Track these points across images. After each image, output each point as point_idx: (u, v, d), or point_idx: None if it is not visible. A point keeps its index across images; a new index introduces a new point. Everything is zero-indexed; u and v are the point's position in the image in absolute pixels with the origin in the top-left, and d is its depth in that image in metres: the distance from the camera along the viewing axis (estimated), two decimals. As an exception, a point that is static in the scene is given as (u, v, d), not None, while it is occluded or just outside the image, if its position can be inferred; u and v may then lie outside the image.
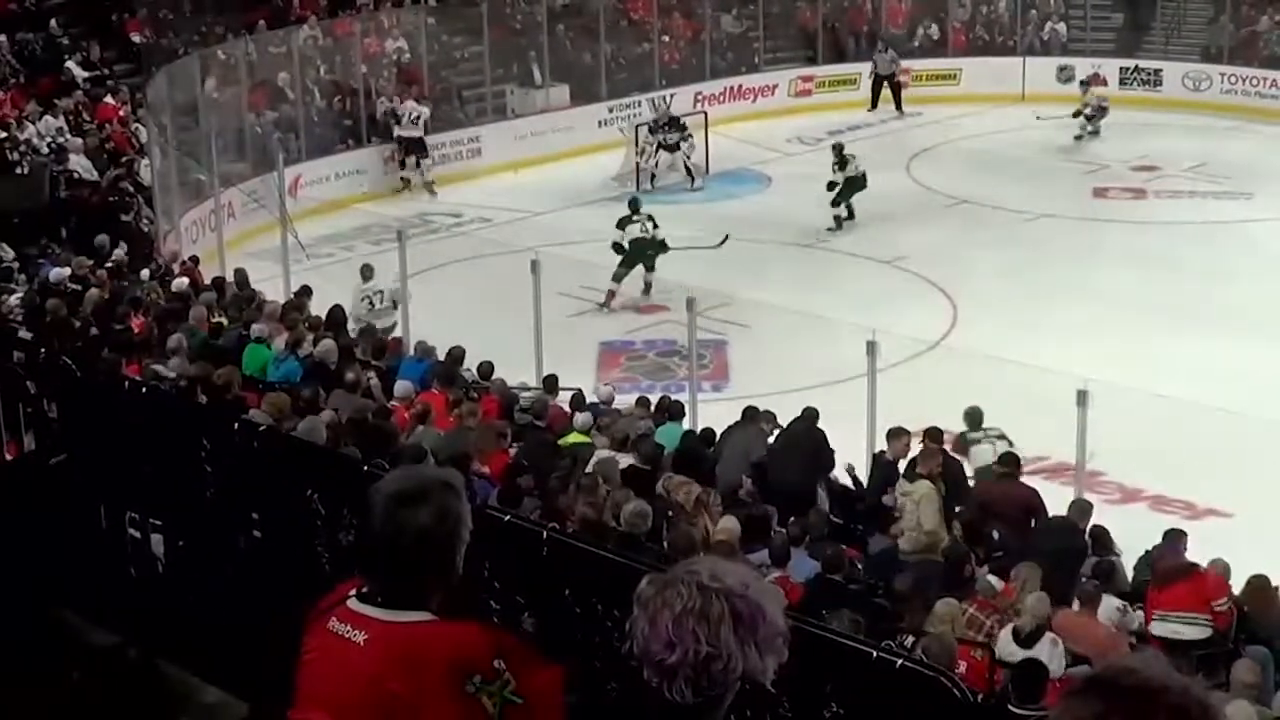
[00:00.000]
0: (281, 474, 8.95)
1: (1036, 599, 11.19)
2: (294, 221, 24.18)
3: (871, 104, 35.77)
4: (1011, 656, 10.65)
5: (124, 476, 9.96)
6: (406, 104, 29.73)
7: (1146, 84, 35.75)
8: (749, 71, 36.20)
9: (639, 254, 23.19)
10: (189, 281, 19.41)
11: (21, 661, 7.94)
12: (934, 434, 14.86)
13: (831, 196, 26.46)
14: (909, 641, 10.19)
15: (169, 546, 9.61)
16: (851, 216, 26.64)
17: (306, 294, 19.66)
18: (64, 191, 23.97)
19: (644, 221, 23.38)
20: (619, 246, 23.10)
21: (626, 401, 17.24)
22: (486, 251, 24.65)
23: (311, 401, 14.09)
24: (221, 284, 19.89)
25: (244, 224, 25.76)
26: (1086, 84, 33.58)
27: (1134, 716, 2.52)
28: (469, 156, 30.72)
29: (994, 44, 37.84)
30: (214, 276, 20.79)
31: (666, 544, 11.32)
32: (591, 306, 22.65)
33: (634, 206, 23.92)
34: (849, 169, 26.64)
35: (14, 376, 11.81)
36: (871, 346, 15.84)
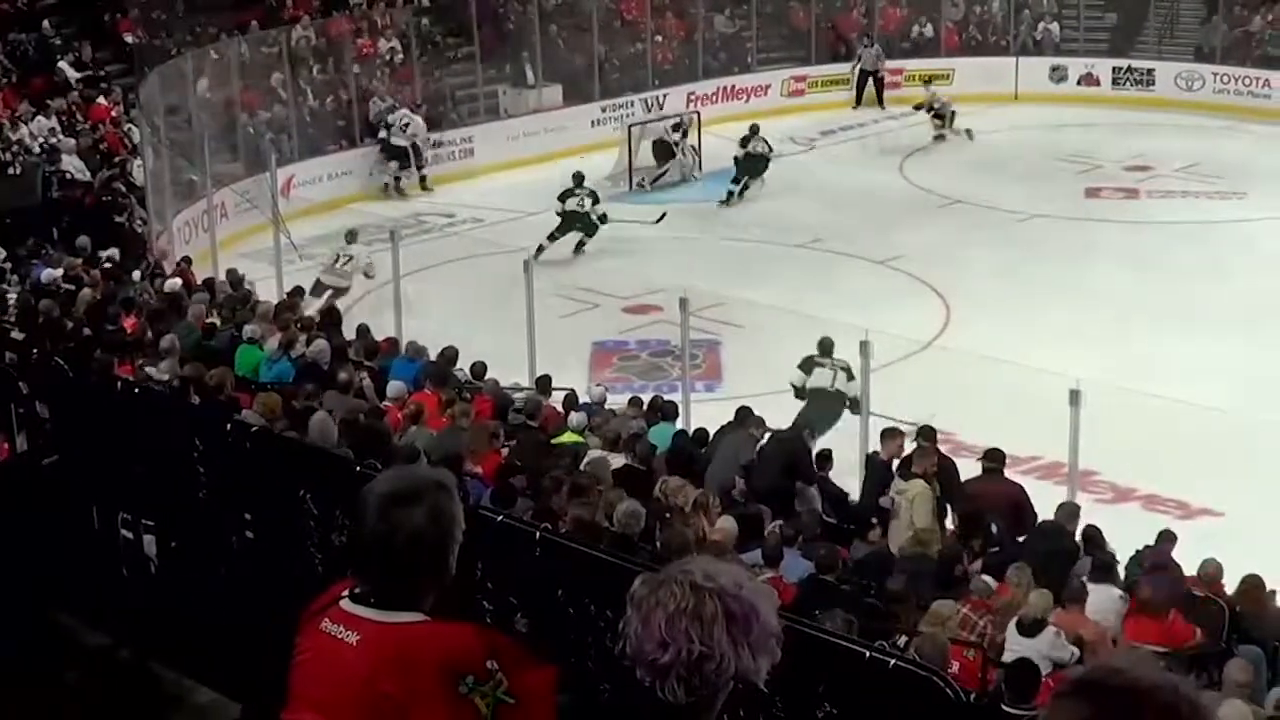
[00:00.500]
0: (274, 475, 8.94)
1: (1039, 594, 11.26)
2: (286, 222, 24.15)
3: (856, 101, 35.89)
4: (1015, 647, 10.68)
5: (116, 477, 9.95)
6: (399, 111, 29.69)
7: (1139, 84, 35.79)
8: (742, 72, 36.22)
9: (571, 224, 25.33)
10: (182, 282, 19.40)
11: (17, 663, 7.94)
12: (927, 433, 14.85)
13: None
14: (902, 641, 10.19)
15: (161, 547, 9.59)
16: (741, 194, 28.68)
17: (299, 294, 19.66)
18: (56, 192, 23.98)
19: (583, 197, 25.44)
20: (558, 213, 25.33)
21: (619, 402, 17.24)
22: (479, 252, 24.64)
23: (310, 401, 14.13)
24: (214, 284, 19.88)
25: (236, 224, 25.73)
26: (929, 81, 34.16)
27: (1122, 717, 2.52)
28: (462, 157, 30.71)
29: (987, 44, 37.85)
30: (205, 277, 20.77)
31: (660, 544, 11.32)
32: (585, 307, 22.64)
33: (577, 180, 25.89)
34: (750, 146, 28.97)
35: (6, 377, 11.79)
36: (865, 346, 15.85)
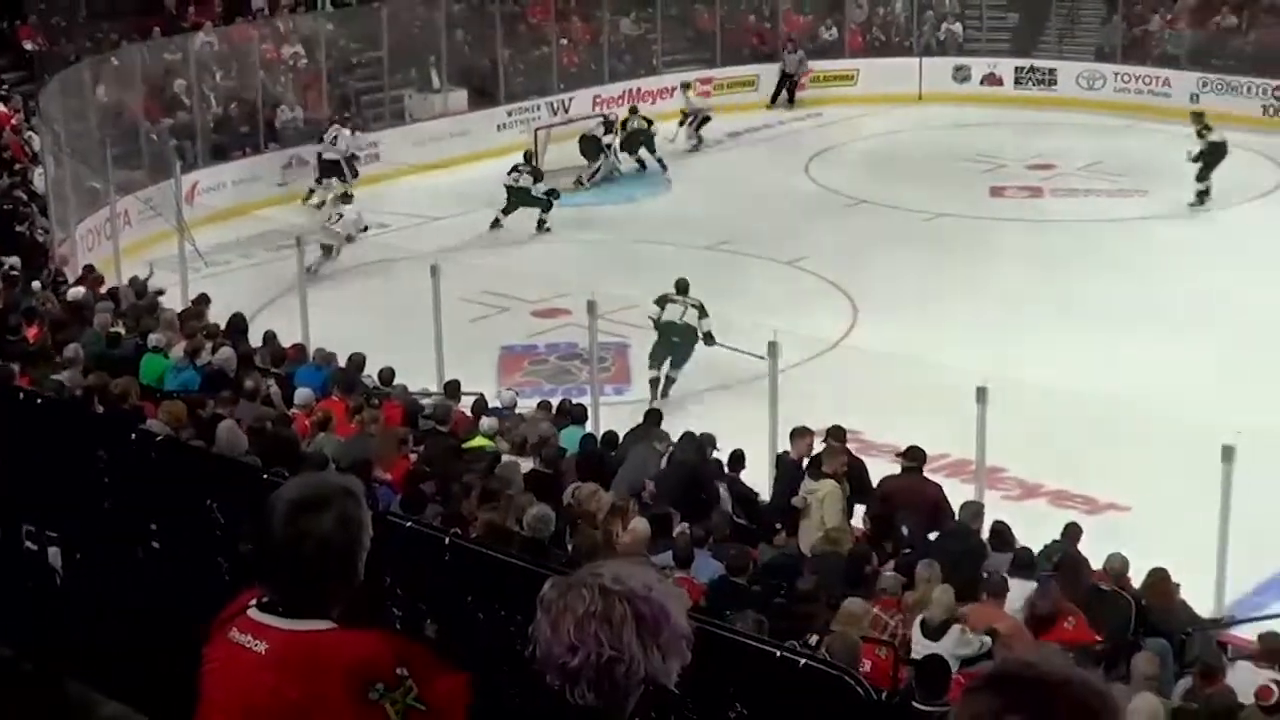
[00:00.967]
0: (180, 484, 8.86)
1: (942, 590, 11.28)
2: (191, 229, 23.98)
3: (772, 100, 36.02)
4: (921, 648, 10.72)
5: (19, 489, 9.83)
6: (334, 127, 29.41)
7: (1042, 83, 36.12)
8: (647, 74, 36.25)
9: (518, 202, 26.76)
10: (84, 290, 19.22)
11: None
12: (836, 433, 14.90)
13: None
14: (814, 641, 10.21)
15: (66, 559, 9.49)
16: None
17: (205, 302, 19.51)
18: (-45, 200, 23.67)
19: (523, 174, 26.95)
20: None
21: (529, 405, 17.23)
22: (386, 257, 24.55)
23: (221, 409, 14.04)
24: (118, 293, 19.70)
25: (140, 232, 25.51)
26: (687, 86, 33.93)
27: (1034, 710, 2.53)
28: (367, 162, 30.53)
29: (890, 44, 38.07)
30: (109, 286, 20.57)
31: (570, 548, 11.30)
32: (493, 311, 22.59)
33: (526, 158, 27.67)
34: (629, 126, 30.79)
35: (-94, 389, 11.63)
36: (773, 347, 15.89)
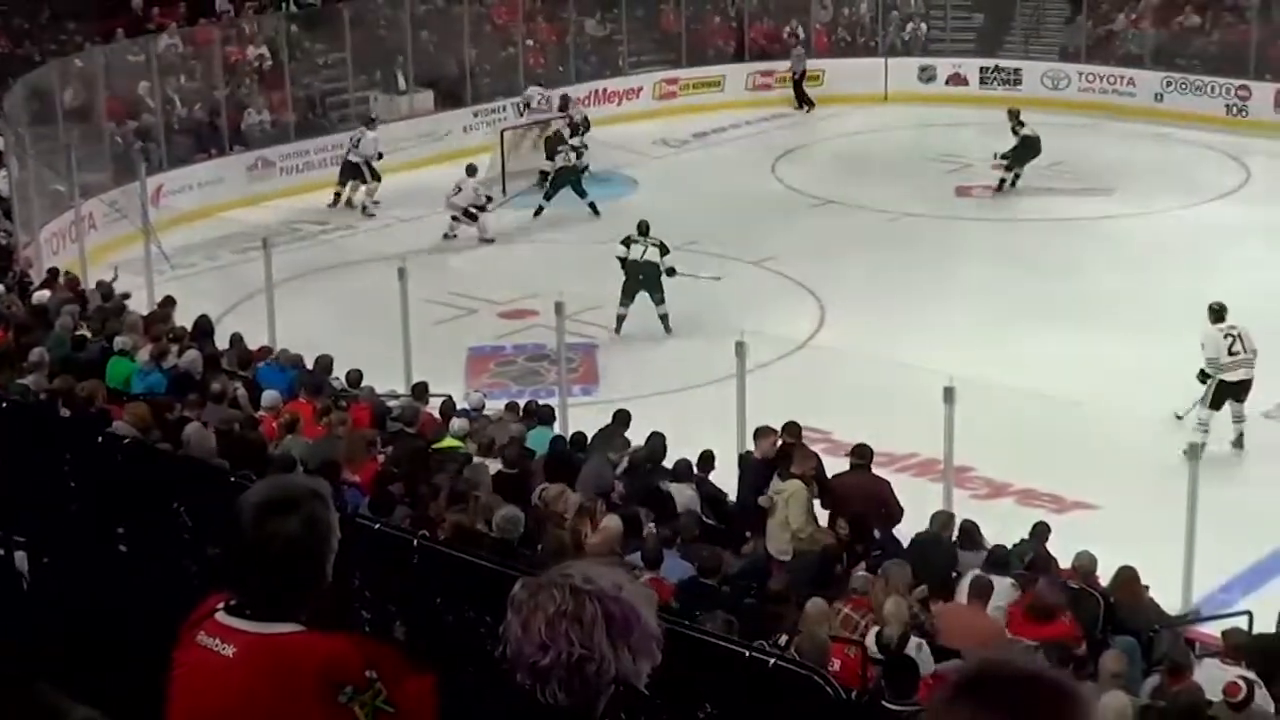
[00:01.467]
0: (147, 487, 8.84)
1: (894, 603, 11.18)
2: (157, 231, 23.91)
3: (800, 103, 35.99)
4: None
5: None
6: (359, 130, 29.13)
7: (1007, 83, 36.19)
8: (613, 75, 36.27)
9: (564, 180, 27.65)
10: (50, 293, 19.15)
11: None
12: (792, 429, 14.87)
13: None
14: (784, 641, 10.22)
15: (33, 563, 9.45)
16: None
17: (171, 304, 19.46)
18: (-81, 204, 23.60)
19: (567, 152, 27.94)
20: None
21: (497, 407, 17.22)
22: (353, 259, 24.51)
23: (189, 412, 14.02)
24: (84, 296, 19.63)
25: (106, 235, 25.43)
26: (565, 105, 31.69)
27: (1008, 711, 2.53)
28: (332, 164, 30.45)
29: (856, 45, 38.12)
30: (77, 289, 20.49)
31: (539, 549, 11.30)
32: (460, 313, 22.57)
33: (574, 128, 29.14)
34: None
35: None
36: (740, 347, 15.89)
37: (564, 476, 13.79)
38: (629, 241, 21.97)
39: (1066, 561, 12.88)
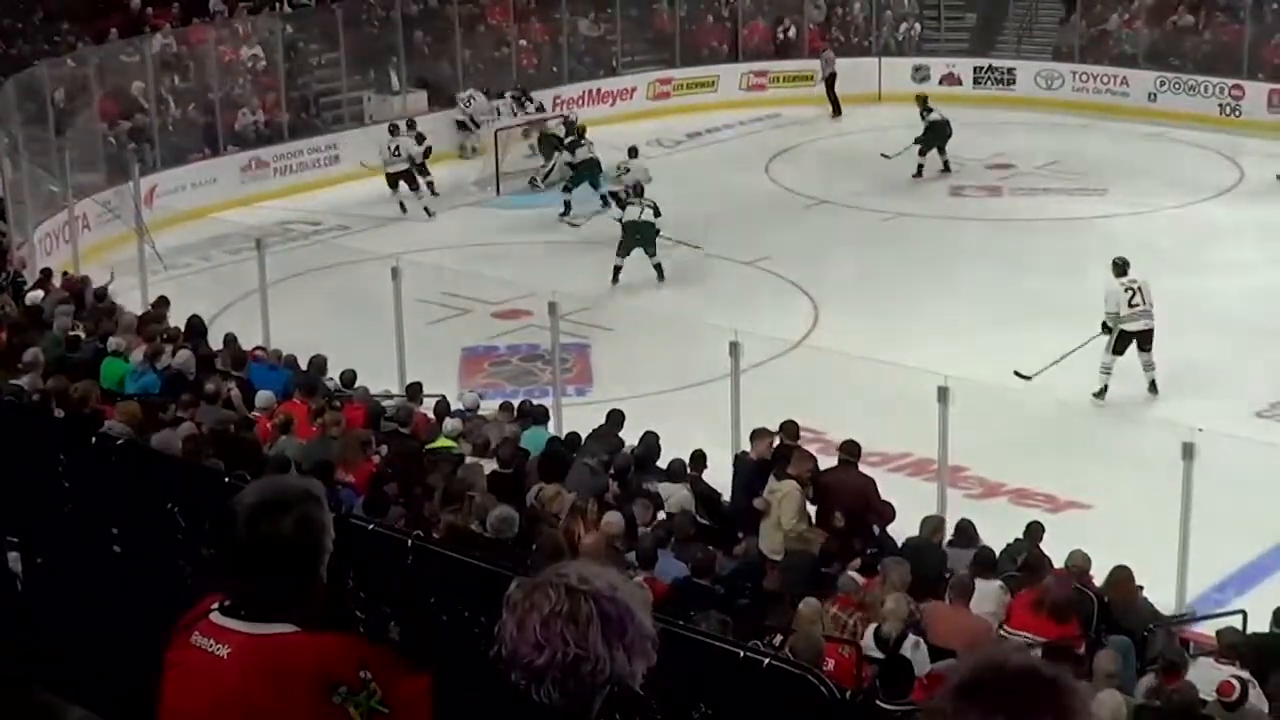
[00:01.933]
0: (141, 487, 8.83)
1: (895, 600, 11.21)
2: (150, 232, 23.89)
3: (835, 110, 35.79)
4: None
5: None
6: (397, 138, 28.93)
7: (1000, 83, 36.25)
8: (607, 75, 36.26)
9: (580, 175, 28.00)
10: (43, 293, 19.13)
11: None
12: (790, 429, 14.87)
13: None
14: (778, 640, 10.22)
15: (27, 564, 9.44)
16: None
17: (164, 305, 19.44)
18: (-87, 205, 23.57)
19: (590, 146, 28.45)
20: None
21: (492, 407, 17.21)
22: (346, 259, 24.49)
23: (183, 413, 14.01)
24: (80, 296, 19.60)
25: (99, 235, 25.41)
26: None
27: (1012, 709, 2.54)
28: (326, 164, 30.47)
29: (850, 45, 38.10)
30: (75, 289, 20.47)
31: (534, 549, 11.30)
32: (454, 313, 22.56)
33: (578, 129, 29.26)
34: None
35: None
36: (734, 347, 15.88)
37: (558, 477, 13.79)
38: (624, 204, 24.28)
39: (1060, 561, 12.87)
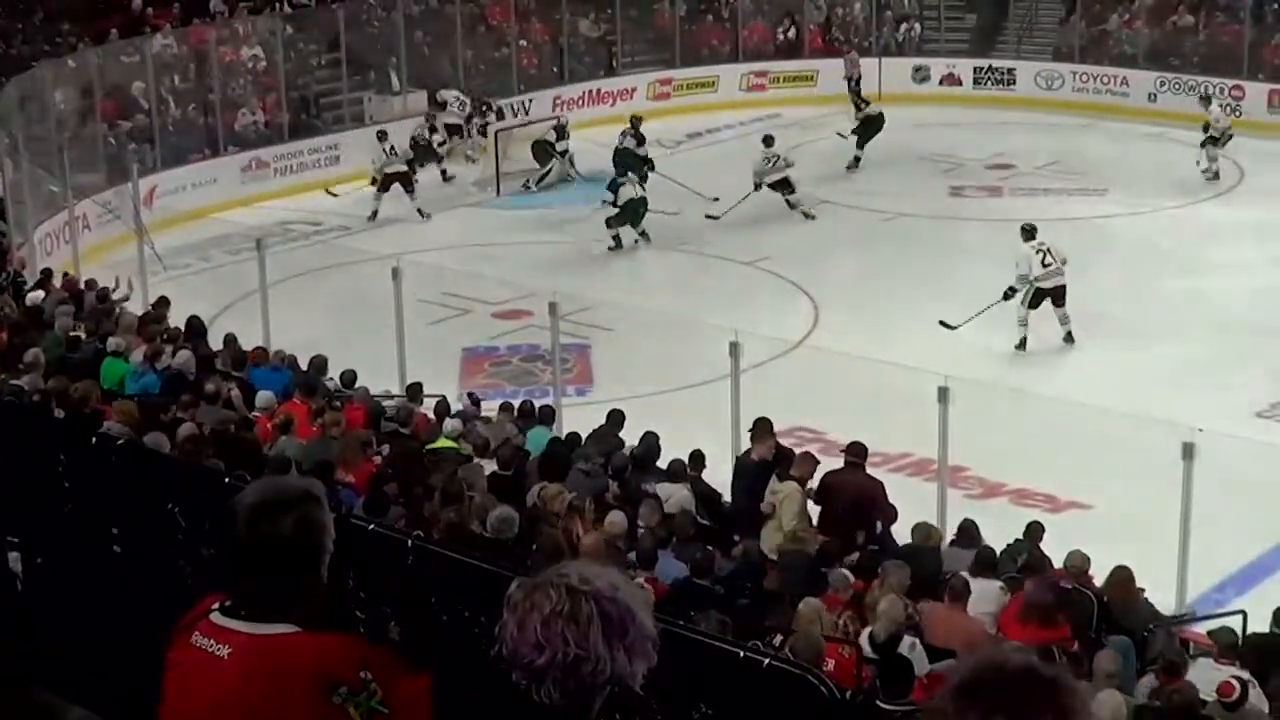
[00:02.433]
0: (142, 487, 8.83)
1: (889, 602, 11.19)
2: (150, 232, 23.89)
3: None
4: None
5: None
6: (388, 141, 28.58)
7: (1000, 83, 36.22)
8: (607, 75, 36.26)
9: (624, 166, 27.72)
10: (45, 294, 19.13)
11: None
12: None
13: None
14: (778, 640, 10.22)
15: (27, 564, 9.45)
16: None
17: (164, 305, 19.44)
18: (-86, 205, 23.56)
19: (624, 138, 28.90)
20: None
21: (492, 408, 17.20)
22: (346, 259, 24.48)
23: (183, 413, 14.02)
24: (80, 297, 19.61)
25: (100, 235, 25.42)
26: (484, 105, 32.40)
27: (1013, 710, 2.54)
28: (327, 164, 30.47)
29: (850, 45, 38.03)
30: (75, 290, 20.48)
31: (534, 548, 11.30)
32: (454, 313, 22.55)
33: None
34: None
35: None
36: (734, 347, 15.88)
37: (558, 477, 13.78)
38: (617, 185, 25.92)
39: (1061, 561, 12.87)
